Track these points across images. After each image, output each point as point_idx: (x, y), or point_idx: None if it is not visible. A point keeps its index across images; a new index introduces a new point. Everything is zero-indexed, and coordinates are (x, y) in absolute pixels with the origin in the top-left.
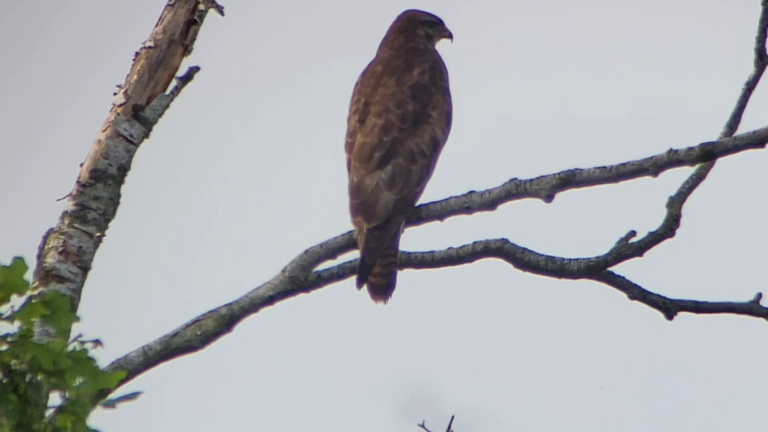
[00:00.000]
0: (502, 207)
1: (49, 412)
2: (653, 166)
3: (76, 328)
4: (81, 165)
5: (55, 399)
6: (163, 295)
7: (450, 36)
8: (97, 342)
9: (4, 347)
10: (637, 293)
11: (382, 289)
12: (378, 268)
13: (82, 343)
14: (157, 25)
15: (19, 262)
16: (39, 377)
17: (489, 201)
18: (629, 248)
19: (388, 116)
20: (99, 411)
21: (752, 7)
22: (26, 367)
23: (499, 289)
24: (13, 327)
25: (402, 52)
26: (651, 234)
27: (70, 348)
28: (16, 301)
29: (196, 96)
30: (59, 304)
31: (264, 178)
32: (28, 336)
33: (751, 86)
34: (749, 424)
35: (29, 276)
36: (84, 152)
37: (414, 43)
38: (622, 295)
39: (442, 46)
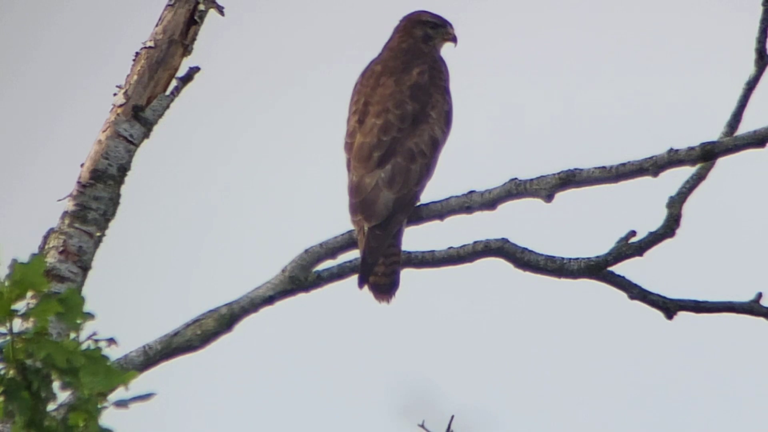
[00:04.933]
0: (502, 207)
1: (54, 408)
2: (653, 166)
3: (87, 326)
4: (81, 165)
5: (62, 396)
6: (163, 295)
7: (454, 40)
8: (111, 340)
9: (19, 344)
10: (637, 293)
11: (386, 289)
12: (381, 267)
13: (96, 341)
14: (157, 25)
15: (36, 259)
16: (52, 375)
17: (489, 201)
18: (629, 248)
19: (387, 116)
20: (109, 410)
21: (752, 7)
22: (40, 365)
23: (499, 289)
24: (22, 323)
25: (401, 52)
26: (651, 234)
27: (84, 346)
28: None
29: (196, 96)
30: (74, 301)
31: (264, 178)
32: (42, 333)
33: (751, 86)
34: (749, 424)
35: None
36: (84, 152)
37: (408, 43)
38: (622, 295)
39: (444, 48)
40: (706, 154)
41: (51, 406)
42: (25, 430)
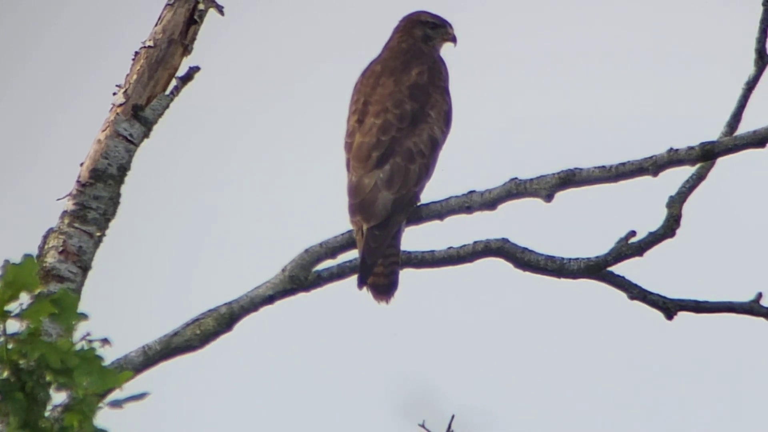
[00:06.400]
0: (503, 207)
1: (49, 409)
2: (653, 166)
3: (81, 327)
4: (81, 165)
5: (58, 397)
6: (163, 294)
7: (453, 40)
8: (105, 341)
9: (12, 345)
10: (637, 293)
11: (385, 289)
12: (380, 267)
13: (90, 341)
14: (156, 25)
15: (28, 260)
16: (47, 376)
17: (489, 201)
18: (629, 248)
19: (386, 116)
20: (104, 410)
21: (752, 7)
22: (34, 366)
23: (499, 288)
24: (20, 324)
25: (400, 52)
26: (651, 234)
27: (78, 346)
28: (24, 298)
29: (196, 96)
30: (68, 302)
31: (264, 177)
32: (36, 334)
33: (751, 86)
34: (749, 424)
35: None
36: (84, 152)
37: (407, 43)
38: (622, 295)
39: (444, 48)
40: (706, 154)
41: (52, 410)
42: (20, 431)
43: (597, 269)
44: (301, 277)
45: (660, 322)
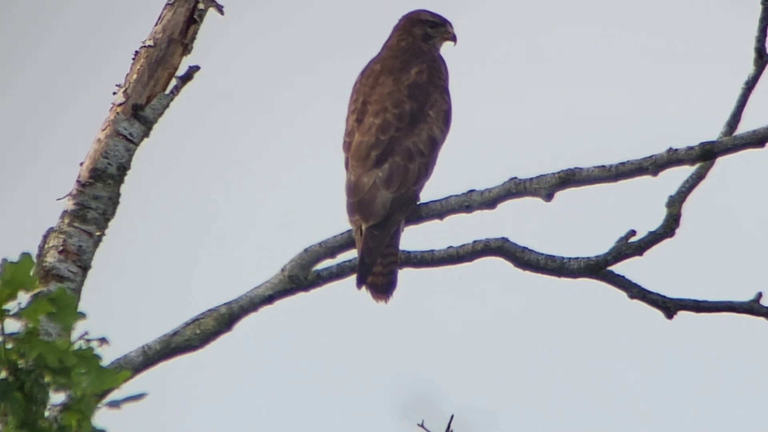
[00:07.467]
0: (502, 206)
1: (48, 408)
2: (653, 165)
3: (79, 326)
4: (81, 164)
5: (56, 397)
6: (163, 294)
7: (453, 39)
8: (102, 340)
9: (10, 345)
10: (637, 292)
11: (383, 288)
12: (379, 267)
13: (88, 341)
14: (156, 25)
15: (26, 259)
16: (45, 376)
17: (489, 200)
18: (629, 247)
19: (385, 115)
20: (103, 410)
21: (752, 7)
22: (32, 365)
23: (499, 288)
24: (18, 324)
25: (400, 51)
26: (651, 233)
27: (75, 346)
28: (23, 297)
29: (196, 95)
30: (65, 301)
31: (264, 177)
32: (34, 333)
33: (750, 85)
34: (749, 424)
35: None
36: (84, 152)
37: (407, 42)
38: (622, 294)
39: (444, 47)
40: (706, 154)
41: (50, 410)
42: (18, 431)
43: (597, 268)
44: (301, 277)
45: (660, 322)
